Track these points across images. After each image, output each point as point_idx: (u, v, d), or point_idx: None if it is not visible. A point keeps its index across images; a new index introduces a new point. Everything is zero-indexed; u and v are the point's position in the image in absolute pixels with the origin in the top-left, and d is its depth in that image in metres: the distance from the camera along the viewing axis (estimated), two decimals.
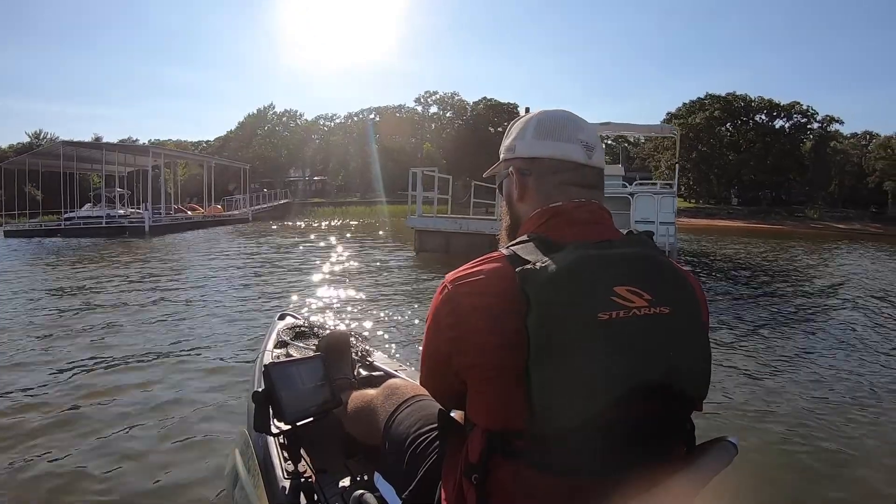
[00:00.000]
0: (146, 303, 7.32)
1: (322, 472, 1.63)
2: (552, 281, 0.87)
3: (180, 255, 14.50)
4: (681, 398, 0.92)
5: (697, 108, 52.21)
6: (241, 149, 53.85)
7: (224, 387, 4.05)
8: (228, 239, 20.11)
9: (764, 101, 51.61)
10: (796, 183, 52.50)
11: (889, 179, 47.95)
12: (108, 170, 28.69)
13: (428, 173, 14.83)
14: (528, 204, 1.12)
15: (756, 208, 46.09)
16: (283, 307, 6.47)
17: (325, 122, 63.19)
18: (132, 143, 39.67)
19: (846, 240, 27.51)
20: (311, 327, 2.82)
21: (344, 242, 18.31)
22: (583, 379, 0.84)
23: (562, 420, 0.84)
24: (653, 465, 0.89)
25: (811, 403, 4.01)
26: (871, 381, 4.49)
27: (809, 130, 52.28)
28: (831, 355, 5.29)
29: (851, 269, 13.51)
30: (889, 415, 3.83)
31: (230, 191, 40.76)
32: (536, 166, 1.10)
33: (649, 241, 1.02)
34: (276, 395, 1.54)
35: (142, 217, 24.57)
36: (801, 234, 31.74)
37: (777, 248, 20.25)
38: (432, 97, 61.85)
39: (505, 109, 59.02)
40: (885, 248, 21.37)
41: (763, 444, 3.33)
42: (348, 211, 41.89)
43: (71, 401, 3.71)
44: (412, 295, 8.06)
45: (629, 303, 0.87)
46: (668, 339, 0.90)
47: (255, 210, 36.18)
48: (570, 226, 1.03)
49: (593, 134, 1.11)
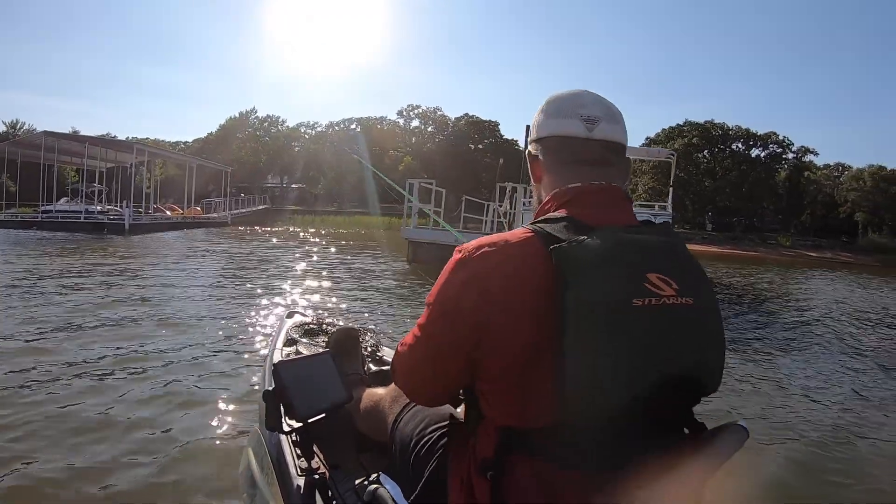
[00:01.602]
0: (149, 301, 7.28)
1: (335, 468, 1.63)
2: (590, 261, 0.86)
3: (169, 255, 14.45)
4: (697, 387, 0.95)
5: (676, 135, 53.65)
6: (221, 151, 53.70)
7: (234, 386, 4.09)
8: (215, 241, 20.23)
9: (741, 129, 53.47)
10: (769, 210, 54.34)
11: (860, 210, 49.96)
12: (88, 164, 28.21)
13: (425, 185, 14.90)
14: (543, 183, 1.13)
15: (730, 234, 47.46)
16: (291, 306, 6.68)
17: (306, 129, 63.40)
18: (108, 138, 39.13)
19: (821, 267, 29.00)
20: (320, 324, 2.86)
21: (335, 250, 18.48)
22: (618, 366, 0.85)
23: (594, 409, 0.85)
24: (666, 451, 0.89)
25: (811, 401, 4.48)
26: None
27: (784, 160, 54.11)
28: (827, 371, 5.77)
29: (834, 293, 14.79)
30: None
31: (208, 193, 40.53)
32: (543, 146, 1.12)
33: (672, 231, 1.03)
34: (286, 392, 1.56)
35: (121, 214, 24.43)
36: (774, 261, 32.99)
37: (760, 272, 21.56)
38: (415, 111, 62.56)
39: (486, 126, 59.94)
40: (864, 277, 23.00)
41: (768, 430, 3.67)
42: (329, 220, 41.91)
43: (80, 400, 3.68)
44: (413, 295, 8.21)
45: (660, 291, 0.88)
46: (693, 330, 0.92)
47: (235, 214, 36.05)
48: (592, 207, 1.02)
49: (598, 107, 1.09)
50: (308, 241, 22.95)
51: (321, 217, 44.03)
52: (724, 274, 19.44)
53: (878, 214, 49.29)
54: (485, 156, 57.78)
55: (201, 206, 36.19)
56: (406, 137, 61.36)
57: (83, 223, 23.05)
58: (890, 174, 49.92)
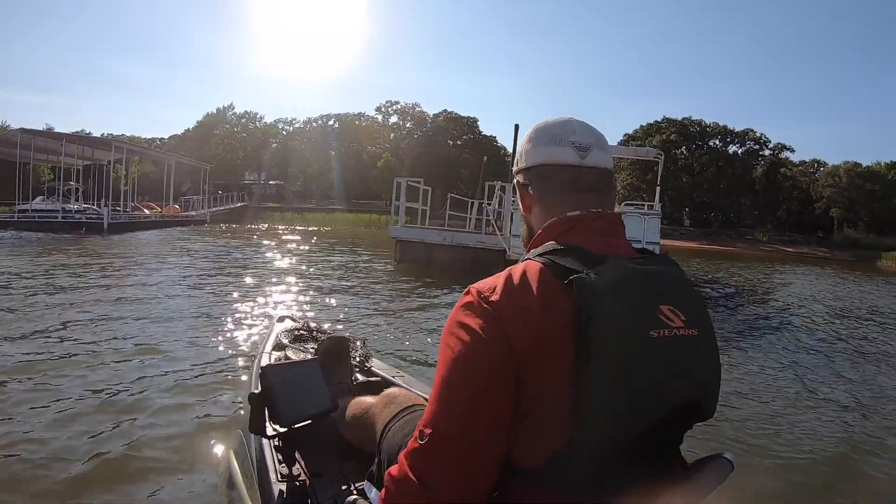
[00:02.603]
0: (135, 300, 7.24)
1: (316, 476, 1.65)
2: (610, 293, 0.87)
3: (151, 254, 14.24)
4: (699, 414, 0.98)
5: (654, 131, 54.71)
6: (198, 148, 53.34)
7: (221, 387, 4.06)
8: (197, 239, 20.16)
9: (718, 126, 54.66)
10: (746, 206, 55.58)
11: (836, 206, 51.21)
12: (65, 162, 27.44)
13: (412, 184, 14.85)
14: (534, 213, 1.13)
15: (707, 230, 48.33)
16: (281, 309, 6.65)
17: (283, 125, 63.25)
18: (86, 135, 38.58)
19: (799, 263, 29.84)
20: (310, 330, 2.87)
21: (319, 249, 18.46)
22: (635, 395, 0.87)
23: (606, 439, 0.86)
24: (657, 479, 0.90)
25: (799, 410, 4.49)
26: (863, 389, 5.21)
27: (761, 157, 55.35)
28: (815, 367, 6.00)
29: (815, 290, 15.51)
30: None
31: (184, 191, 40.11)
32: (534, 175, 1.12)
33: (673, 262, 1.03)
34: (272, 397, 1.56)
35: (100, 213, 24.09)
36: (752, 256, 33.80)
37: (740, 268, 22.14)
38: (393, 107, 62.67)
39: (465, 123, 60.39)
40: (846, 273, 24.05)
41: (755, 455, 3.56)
42: (309, 218, 41.60)
43: (62, 400, 3.66)
44: (406, 302, 8.41)
45: (671, 322, 0.90)
46: (699, 361, 0.95)
47: (213, 212, 35.70)
48: (595, 236, 1.03)
49: (589, 134, 1.10)
50: (291, 239, 22.86)
51: (301, 214, 43.82)
52: (700, 268, 19.92)
53: (853, 210, 50.59)
54: (463, 152, 58.08)
55: (179, 204, 35.80)
56: (385, 133, 61.37)
57: (61, 223, 22.49)
58: (865, 171, 51.24)
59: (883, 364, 6.40)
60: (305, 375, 1.72)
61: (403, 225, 14.40)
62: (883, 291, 16.88)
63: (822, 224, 52.18)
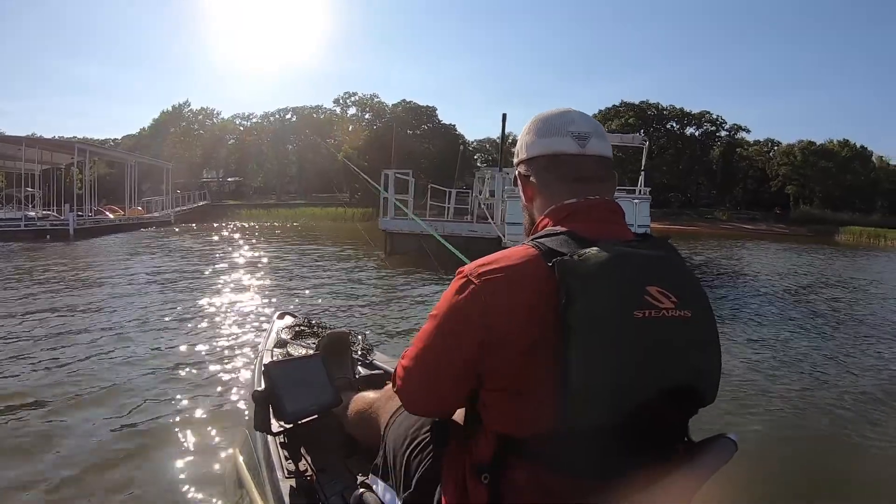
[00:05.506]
0: (129, 305, 7.24)
1: (322, 471, 1.66)
2: (592, 274, 0.89)
3: (125, 258, 14.11)
4: (696, 398, 1.00)
5: (613, 115, 56.01)
6: (154, 147, 52.49)
7: (224, 386, 4.13)
8: (168, 241, 20.14)
9: (675, 109, 56.52)
10: (704, 186, 57.53)
11: (791, 184, 53.46)
12: (23, 167, 27.02)
13: (400, 176, 15.22)
14: (536, 203, 1.16)
15: (667, 210, 49.83)
16: (279, 306, 6.77)
17: (241, 121, 62.57)
18: (47, 139, 37.41)
19: (759, 239, 31.28)
20: (311, 326, 2.89)
21: (298, 244, 18.50)
22: (619, 376, 0.89)
23: (592, 418, 0.89)
24: (659, 462, 0.94)
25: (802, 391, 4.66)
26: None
27: (718, 138, 57.33)
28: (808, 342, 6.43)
29: (777, 264, 17.12)
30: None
31: (143, 191, 39.38)
32: (534, 166, 1.15)
33: (671, 246, 1.06)
34: (276, 394, 1.59)
35: (64, 220, 23.25)
36: (713, 234, 34.84)
37: (709, 248, 23.27)
38: (351, 98, 62.24)
39: (424, 112, 60.56)
40: (809, 247, 25.55)
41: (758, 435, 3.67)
42: (276, 213, 41.42)
43: (67, 402, 3.75)
44: (403, 293, 8.60)
45: (659, 303, 0.92)
46: (691, 343, 0.96)
47: (177, 212, 35.07)
48: (591, 222, 1.06)
49: (587, 124, 1.14)
50: (264, 236, 22.88)
51: (266, 210, 43.52)
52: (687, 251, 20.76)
53: (808, 187, 52.83)
54: (423, 142, 58.44)
55: (142, 206, 35.14)
56: (343, 125, 61.28)
57: (24, 231, 21.69)
58: (819, 149, 53.42)
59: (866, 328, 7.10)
60: (308, 371, 1.77)
61: (393, 217, 14.76)
62: (846, 262, 18.50)
63: (777, 201, 54.13)
